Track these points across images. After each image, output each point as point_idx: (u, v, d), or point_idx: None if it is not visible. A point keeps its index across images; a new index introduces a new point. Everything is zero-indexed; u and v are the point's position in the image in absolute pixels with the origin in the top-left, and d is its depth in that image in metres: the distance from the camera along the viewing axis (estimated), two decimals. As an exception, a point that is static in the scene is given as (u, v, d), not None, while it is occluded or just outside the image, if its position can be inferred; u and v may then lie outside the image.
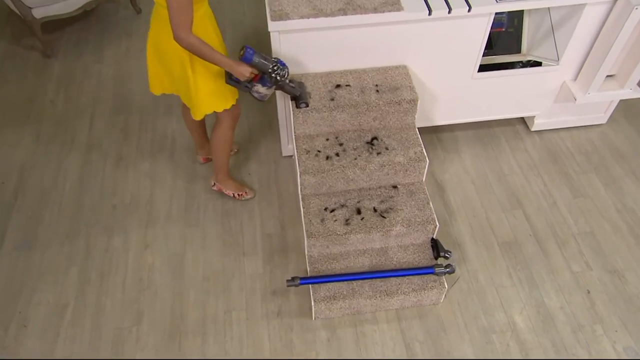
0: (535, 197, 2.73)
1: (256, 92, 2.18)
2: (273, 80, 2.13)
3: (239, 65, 2.05)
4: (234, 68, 2.05)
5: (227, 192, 2.69)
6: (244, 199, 2.71)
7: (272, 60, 2.11)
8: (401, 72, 2.46)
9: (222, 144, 2.46)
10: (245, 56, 2.05)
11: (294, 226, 2.60)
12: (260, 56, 2.08)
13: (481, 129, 3.07)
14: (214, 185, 2.69)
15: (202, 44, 1.93)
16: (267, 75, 2.12)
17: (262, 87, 2.16)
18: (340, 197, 2.35)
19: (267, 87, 2.16)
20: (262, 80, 2.14)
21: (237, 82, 2.13)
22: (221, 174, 2.64)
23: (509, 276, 2.42)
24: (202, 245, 2.53)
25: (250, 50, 2.05)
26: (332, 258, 2.30)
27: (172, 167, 2.87)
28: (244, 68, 2.06)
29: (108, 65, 3.40)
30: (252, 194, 2.73)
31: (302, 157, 2.30)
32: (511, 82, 2.71)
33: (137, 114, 3.13)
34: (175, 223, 2.62)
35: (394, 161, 2.30)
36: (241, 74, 2.07)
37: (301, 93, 2.31)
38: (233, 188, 2.69)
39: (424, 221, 2.26)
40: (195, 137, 2.72)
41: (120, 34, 3.63)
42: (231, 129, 2.40)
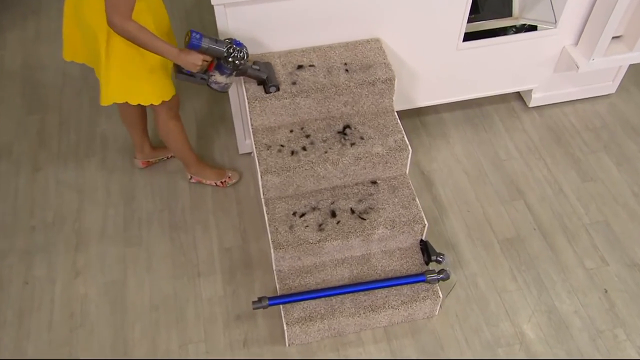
0: (538, 185, 2.88)
1: (214, 82, 2.25)
2: (231, 66, 2.18)
3: (187, 54, 2.10)
4: (182, 58, 2.10)
5: (208, 182, 2.80)
6: (229, 184, 2.81)
7: (225, 42, 2.16)
8: (373, 47, 2.57)
9: (170, 136, 2.55)
10: (192, 42, 2.09)
11: (257, 237, 2.68)
12: (209, 40, 2.13)
13: (471, 109, 3.21)
14: (191, 179, 2.81)
15: (141, 30, 1.98)
16: (223, 60, 2.17)
17: (220, 76, 2.22)
18: (311, 199, 2.45)
19: (227, 75, 2.22)
20: (219, 67, 2.20)
21: (189, 75, 2.19)
22: (192, 165, 2.74)
23: (513, 279, 2.56)
24: (147, 268, 2.59)
25: (197, 35, 2.09)
26: (305, 271, 2.39)
27: (104, 174, 2.91)
28: (194, 56, 2.11)
29: (12, 52, 3.39)
30: (237, 177, 2.84)
31: (263, 153, 2.38)
32: (503, 51, 2.85)
33: (56, 112, 3.15)
34: (112, 243, 2.67)
35: (371, 152, 2.40)
36: (192, 64, 2.12)
37: (268, 75, 2.37)
38: (213, 176, 2.80)
39: (410, 221, 2.38)
40: (134, 136, 2.77)
41: (26, 12, 3.62)
42: (172, 118, 2.48)
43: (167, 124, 2.49)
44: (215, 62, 2.20)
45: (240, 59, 2.19)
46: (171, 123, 2.49)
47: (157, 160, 2.91)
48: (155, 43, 2.04)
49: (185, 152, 2.65)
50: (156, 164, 2.92)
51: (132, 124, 2.70)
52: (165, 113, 2.44)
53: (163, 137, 2.57)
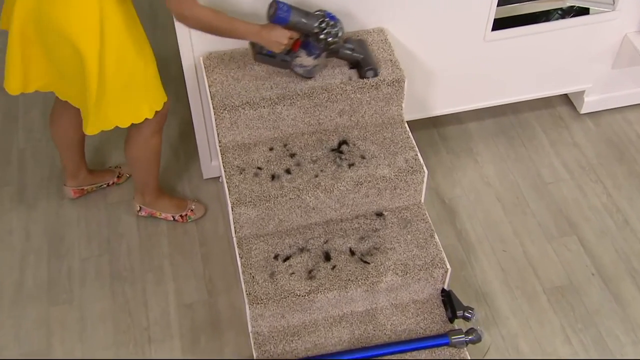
0: (596, 215, 2.97)
1: (299, 65, 2.39)
2: (323, 44, 2.33)
3: (270, 31, 2.27)
4: (265, 36, 2.27)
5: (164, 215, 2.85)
6: (191, 219, 2.86)
7: (318, 15, 2.31)
8: (377, 40, 2.67)
9: (149, 157, 2.62)
10: (278, 15, 2.24)
11: (228, 288, 2.74)
12: (299, 12, 2.28)
13: (504, 117, 3.31)
14: (140, 211, 2.84)
15: (217, 14, 2.15)
16: (313, 37, 2.32)
17: (307, 57, 2.36)
18: (298, 237, 2.51)
19: (315, 56, 2.37)
20: (307, 46, 2.35)
21: (270, 56, 2.34)
22: (149, 193, 2.79)
23: (567, 340, 2.61)
24: (79, 333, 2.63)
25: (284, 6, 2.25)
26: (291, 333, 2.45)
27: (22, 210, 2.97)
28: (279, 33, 2.27)
29: None
30: (202, 211, 2.90)
31: (234, 179, 2.46)
32: (544, 42, 2.95)
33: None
34: (31, 302, 2.71)
35: (376, 175, 2.48)
36: (276, 42, 2.29)
37: (365, 56, 2.50)
38: (171, 208, 2.85)
39: (427, 264, 2.45)
40: (68, 159, 2.83)
41: None
42: (158, 132, 2.56)
43: (149, 141, 2.56)
44: (302, 40, 2.34)
45: (335, 35, 2.32)
46: (155, 139, 2.57)
47: (94, 189, 2.98)
48: (234, 25, 2.21)
49: (152, 176, 2.73)
50: (92, 192, 2.99)
51: (69, 145, 2.76)
52: (153, 127, 2.51)
53: (136, 156, 2.62)
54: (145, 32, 2.33)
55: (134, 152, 2.62)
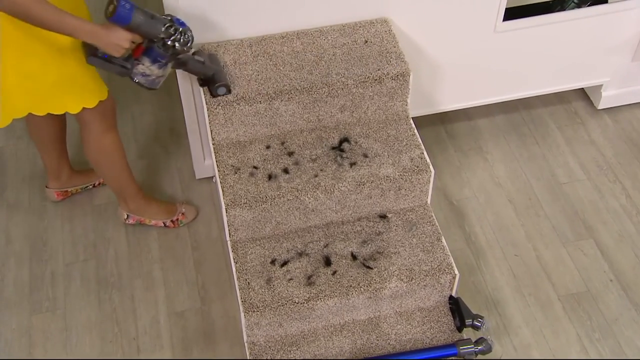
0: (614, 217, 2.96)
1: (141, 74, 2.26)
2: (170, 52, 2.22)
3: (109, 32, 2.11)
4: (101, 36, 2.11)
5: (153, 222, 2.83)
6: (182, 224, 2.85)
7: (164, 19, 2.19)
8: (380, 31, 2.66)
9: (105, 158, 2.58)
10: (118, 14, 2.08)
11: (221, 295, 2.73)
12: (143, 13, 2.14)
13: (516, 113, 3.30)
14: (128, 219, 2.82)
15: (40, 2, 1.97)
16: (158, 43, 2.20)
17: (150, 65, 2.24)
18: (296, 241, 2.51)
19: (159, 64, 2.25)
20: (150, 53, 2.22)
21: (106, 60, 2.19)
22: (131, 199, 2.76)
23: (583, 350, 2.60)
24: (63, 343, 2.62)
25: (126, 3, 2.09)
26: (289, 343, 2.44)
27: (1, 212, 2.96)
28: (119, 34, 2.12)
29: None
30: (194, 213, 2.89)
31: (228, 179, 2.45)
32: (559, 33, 2.94)
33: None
34: (11, 310, 2.70)
35: (379, 175, 2.48)
36: (114, 45, 2.13)
37: (215, 72, 2.42)
38: (160, 214, 2.83)
39: (434, 270, 2.44)
40: (48, 158, 2.82)
41: None
42: (108, 131, 2.51)
43: (100, 141, 2.52)
44: (145, 46, 2.21)
45: (184, 43, 2.21)
46: (107, 138, 2.53)
47: (79, 190, 2.96)
48: (62, 18, 2.03)
49: (123, 180, 2.69)
50: (77, 194, 2.98)
51: (47, 142, 2.74)
52: (99, 124, 2.47)
53: (94, 159, 2.60)
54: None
55: (89, 154, 2.58)
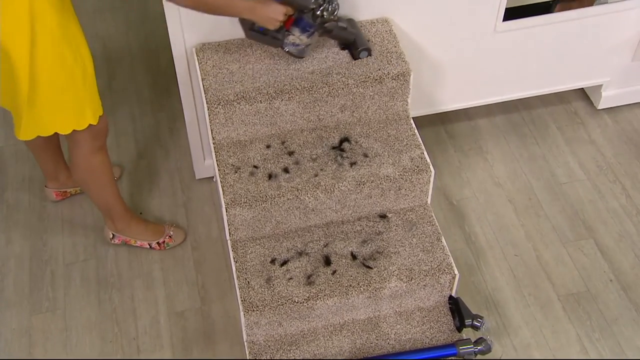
0: (614, 217, 2.97)
1: (292, 44, 2.43)
2: (318, 22, 2.36)
3: (265, 6, 2.29)
4: (259, 12, 2.28)
5: (139, 243, 2.82)
6: (169, 246, 2.84)
7: None
8: (381, 30, 2.67)
9: (93, 177, 2.57)
10: None
11: (221, 295, 2.75)
12: None
13: (517, 113, 3.32)
14: (114, 238, 2.81)
15: None
16: (309, 14, 2.35)
17: (300, 35, 2.39)
18: (296, 240, 2.52)
19: (309, 34, 2.40)
20: (300, 23, 2.38)
21: (262, 33, 2.38)
22: (118, 219, 2.75)
23: (583, 350, 2.62)
24: (63, 343, 2.63)
25: None
26: (289, 342, 2.45)
27: (0, 212, 2.98)
28: (274, 8, 2.30)
29: None
30: (182, 237, 2.86)
31: (229, 178, 2.47)
32: (559, 32, 2.95)
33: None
34: (11, 310, 2.71)
35: (379, 175, 2.49)
36: (271, 18, 2.32)
37: (356, 36, 2.53)
38: (146, 234, 2.82)
39: (434, 270, 2.45)
40: (45, 162, 2.84)
41: None
42: (98, 150, 2.51)
43: (90, 160, 2.51)
44: (295, 17, 2.37)
45: (332, 12, 2.36)
46: (96, 158, 2.52)
47: (78, 191, 2.98)
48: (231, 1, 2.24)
49: (110, 199, 2.67)
50: (76, 195, 3.00)
51: (42, 149, 2.75)
52: (90, 143, 2.46)
53: (81, 178, 2.60)
54: (135, 23, 2.34)
55: (77, 173, 2.59)
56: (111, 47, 3.57)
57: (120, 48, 3.59)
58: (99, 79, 2.43)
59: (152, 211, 2.98)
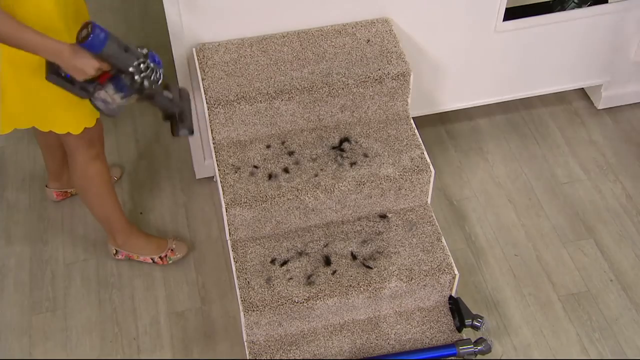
0: (615, 217, 2.98)
1: (102, 100, 2.15)
2: (136, 87, 2.13)
3: (76, 55, 2.01)
4: (67, 58, 2.01)
5: (142, 258, 2.80)
6: (171, 260, 2.82)
7: (138, 53, 2.11)
8: (381, 30, 2.68)
9: (91, 188, 2.55)
10: (91, 41, 1.97)
11: (221, 295, 2.75)
12: (117, 44, 2.03)
13: (517, 113, 3.32)
14: (117, 254, 2.80)
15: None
16: (126, 76, 2.11)
17: (114, 93, 2.14)
18: (296, 240, 2.53)
19: (123, 95, 2.16)
20: (116, 81, 2.13)
21: (67, 80, 2.09)
22: (120, 234, 2.73)
23: (583, 350, 2.62)
24: (63, 343, 2.64)
25: (101, 32, 1.99)
26: (288, 342, 2.46)
27: (1, 212, 2.99)
28: (86, 61, 2.02)
29: None
30: (184, 251, 2.83)
31: (229, 178, 2.48)
32: (559, 32, 2.96)
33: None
34: (12, 309, 2.72)
35: (379, 175, 2.50)
36: (80, 70, 2.03)
37: (182, 110, 2.33)
38: (149, 249, 2.80)
39: (434, 270, 2.46)
40: (49, 160, 2.84)
41: None
42: (94, 159, 2.47)
43: (86, 170, 2.48)
44: (112, 74, 2.12)
45: (153, 82, 2.14)
46: (93, 167, 2.48)
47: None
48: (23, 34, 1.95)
49: (109, 211, 2.65)
50: (77, 195, 2.99)
51: (52, 148, 2.75)
52: (85, 152, 2.43)
53: (79, 187, 2.58)
54: (135, 23, 2.33)
55: (75, 182, 2.58)
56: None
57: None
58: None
59: (152, 211, 2.99)
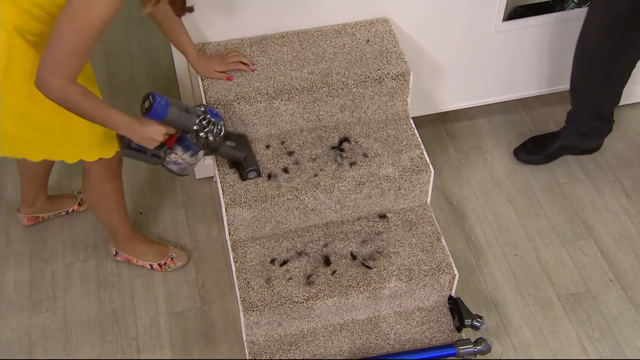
0: (614, 218, 2.98)
1: (173, 162, 2.30)
2: (202, 143, 2.27)
3: (144, 126, 2.17)
4: (137, 131, 2.16)
5: (141, 262, 2.81)
6: (171, 269, 2.82)
7: (197, 111, 2.25)
8: (380, 30, 2.69)
9: (102, 203, 2.58)
10: (155, 110, 2.14)
11: (221, 295, 2.76)
12: (178, 107, 2.19)
13: (516, 113, 3.33)
14: (117, 255, 2.81)
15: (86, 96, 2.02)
16: (192, 135, 2.25)
17: (183, 154, 2.29)
18: (296, 240, 2.53)
19: (192, 153, 2.30)
20: (183, 142, 2.27)
21: (140, 151, 2.24)
22: (122, 239, 2.75)
23: (583, 350, 2.62)
24: (63, 343, 2.64)
25: (161, 100, 2.15)
26: (288, 342, 2.46)
27: (1, 212, 3.00)
28: (153, 129, 2.18)
29: None
30: (185, 260, 2.84)
31: (228, 178, 2.47)
32: (559, 33, 2.97)
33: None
34: (11, 309, 2.73)
35: (379, 175, 2.50)
36: (149, 139, 2.18)
37: (247, 155, 2.46)
38: (149, 255, 2.81)
39: (434, 270, 2.46)
40: (26, 188, 2.81)
41: None
42: (110, 178, 2.49)
43: (101, 187, 2.51)
44: (178, 136, 2.27)
45: (216, 134, 2.27)
46: (108, 186, 2.51)
47: (51, 216, 2.95)
48: (105, 113, 2.10)
49: (116, 223, 2.68)
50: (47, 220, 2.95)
51: (32, 177, 2.75)
52: (104, 172, 2.45)
53: (91, 202, 2.62)
54: (135, 23, 2.34)
55: (88, 196, 2.61)
56: (111, 47, 3.58)
57: (120, 48, 3.60)
58: (99, 78, 2.44)
59: (152, 211, 2.99)
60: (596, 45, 2.73)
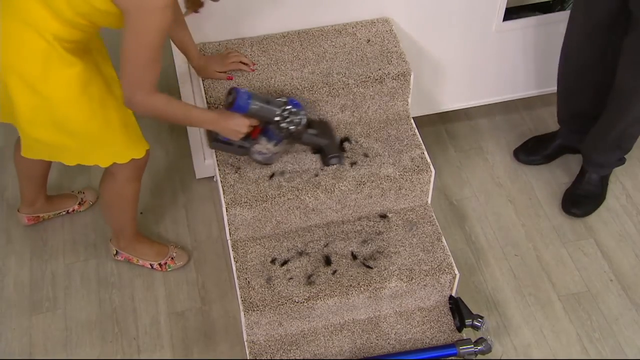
0: (615, 217, 2.99)
1: (258, 152, 2.41)
2: (284, 132, 2.35)
3: (228, 119, 2.28)
4: (223, 124, 2.29)
5: (141, 262, 2.81)
6: (171, 268, 2.83)
7: (279, 102, 2.34)
8: (381, 30, 2.69)
9: (121, 204, 2.59)
10: (237, 104, 2.26)
11: (222, 295, 2.76)
12: (260, 100, 2.30)
13: (517, 113, 3.33)
14: (117, 255, 2.81)
15: (170, 103, 2.17)
16: (274, 125, 2.34)
17: (267, 144, 2.39)
18: (297, 240, 2.53)
19: (276, 143, 2.39)
20: (267, 133, 2.37)
21: (226, 143, 2.37)
22: (125, 239, 2.76)
23: (583, 350, 2.63)
24: (63, 343, 2.65)
25: (244, 94, 2.26)
26: (289, 342, 2.46)
27: (1, 211, 3.00)
28: (238, 121, 2.29)
29: None
30: (185, 260, 2.85)
31: (229, 178, 2.48)
32: (559, 32, 2.93)
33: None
34: (11, 309, 2.73)
35: (379, 175, 2.50)
36: (235, 131, 2.30)
37: (329, 142, 2.51)
38: (150, 255, 2.81)
39: (434, 270, 2.46)
40: (25, 189, 2.81)
41: None
42: (134, 180, 2.52)
43: (124, 189, 2.53)
44: (261, 127, 2.36)
45: (297, 123, 2.35)
46: (130, 187, 2.54)
47: (52, 216, 2.95)
48: (189, 113, 2.26)
49: (126, 224, 2.70)
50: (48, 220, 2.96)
51: (31, 176, 2.75)
52: (130, 173, 2.47)
53: (110, 202, 2.62)
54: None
55: (106, 197, 2.61)
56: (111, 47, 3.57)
57: (121, 48, 3.60)
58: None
59: (153, 211, 3.00)
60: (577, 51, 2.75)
